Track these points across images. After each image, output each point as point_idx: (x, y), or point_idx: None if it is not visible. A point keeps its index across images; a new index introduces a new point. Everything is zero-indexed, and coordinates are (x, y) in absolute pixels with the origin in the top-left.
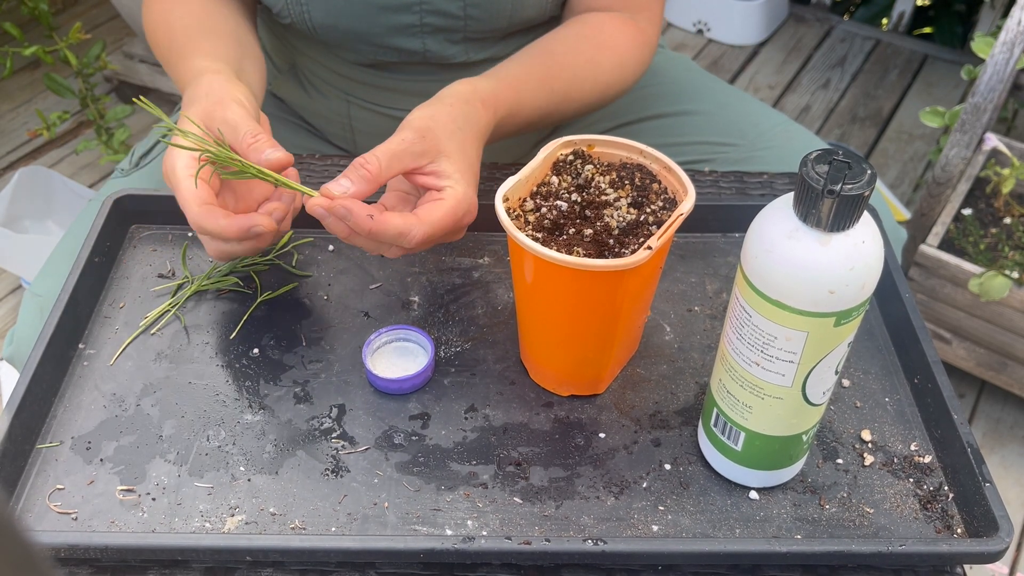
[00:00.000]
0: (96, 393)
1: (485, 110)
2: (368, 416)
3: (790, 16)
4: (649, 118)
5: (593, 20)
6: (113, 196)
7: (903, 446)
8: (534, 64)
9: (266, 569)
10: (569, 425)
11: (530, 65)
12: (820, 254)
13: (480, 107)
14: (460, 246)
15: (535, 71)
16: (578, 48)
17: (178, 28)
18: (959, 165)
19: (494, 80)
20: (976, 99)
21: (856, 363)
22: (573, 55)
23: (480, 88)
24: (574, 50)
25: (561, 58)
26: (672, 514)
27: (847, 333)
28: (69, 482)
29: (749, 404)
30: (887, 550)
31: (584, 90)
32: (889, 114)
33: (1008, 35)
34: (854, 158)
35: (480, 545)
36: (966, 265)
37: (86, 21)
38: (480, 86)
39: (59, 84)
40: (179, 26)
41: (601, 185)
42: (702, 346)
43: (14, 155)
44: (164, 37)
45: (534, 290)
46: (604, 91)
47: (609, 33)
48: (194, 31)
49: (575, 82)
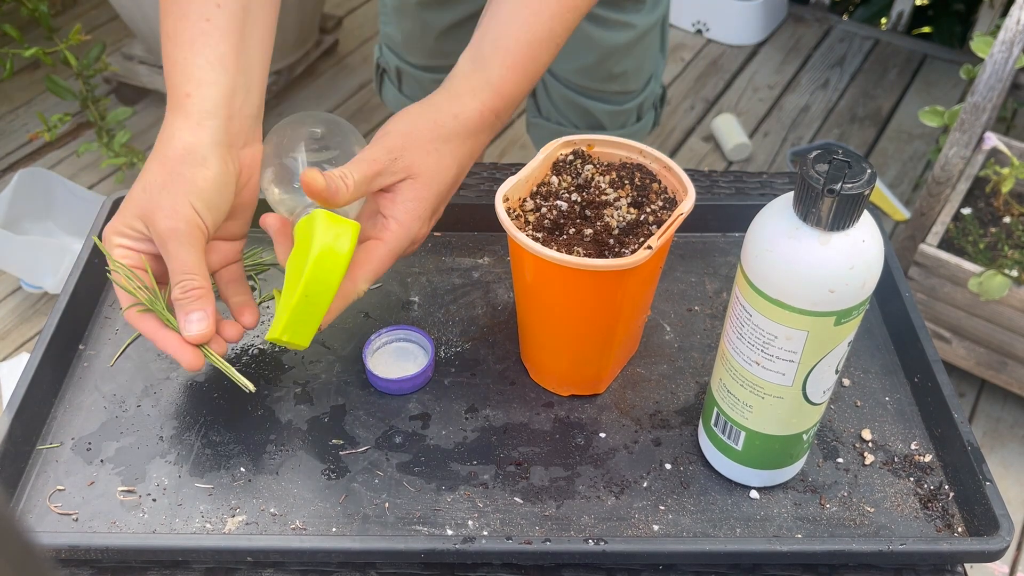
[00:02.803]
0: (96, 394)
1: (490, 114)
2: (368, 416)
3: (789, 16)
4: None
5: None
6: (113, 196)
7: (903, 445)
8: (524, 20)
9: (267, 570)
10: (569, 425)
11: (522, 24)
12: (820, 253)
13: (477, 116)
14: (460, 246)
15: (527, 29)
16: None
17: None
18: (958, 164)
19: (499, 64)
20: (975, 98)
21: (856, 362)
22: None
23: (480, 87)
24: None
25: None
26: (672, 514)
27: (847, 332)
28: (69, 483)
29: (749, 403)
30: (888, 549)
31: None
32: (888, 114)
33: (1007, 34)
34: (853, 157)
35: (480, 545)
36: (966, 264)
37: (85, 22)
38: (479, 84)
39: (60, 86)
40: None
41: (601, 185)
42: (702, 346)
43: (14, 156)
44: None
45: (534, 290)
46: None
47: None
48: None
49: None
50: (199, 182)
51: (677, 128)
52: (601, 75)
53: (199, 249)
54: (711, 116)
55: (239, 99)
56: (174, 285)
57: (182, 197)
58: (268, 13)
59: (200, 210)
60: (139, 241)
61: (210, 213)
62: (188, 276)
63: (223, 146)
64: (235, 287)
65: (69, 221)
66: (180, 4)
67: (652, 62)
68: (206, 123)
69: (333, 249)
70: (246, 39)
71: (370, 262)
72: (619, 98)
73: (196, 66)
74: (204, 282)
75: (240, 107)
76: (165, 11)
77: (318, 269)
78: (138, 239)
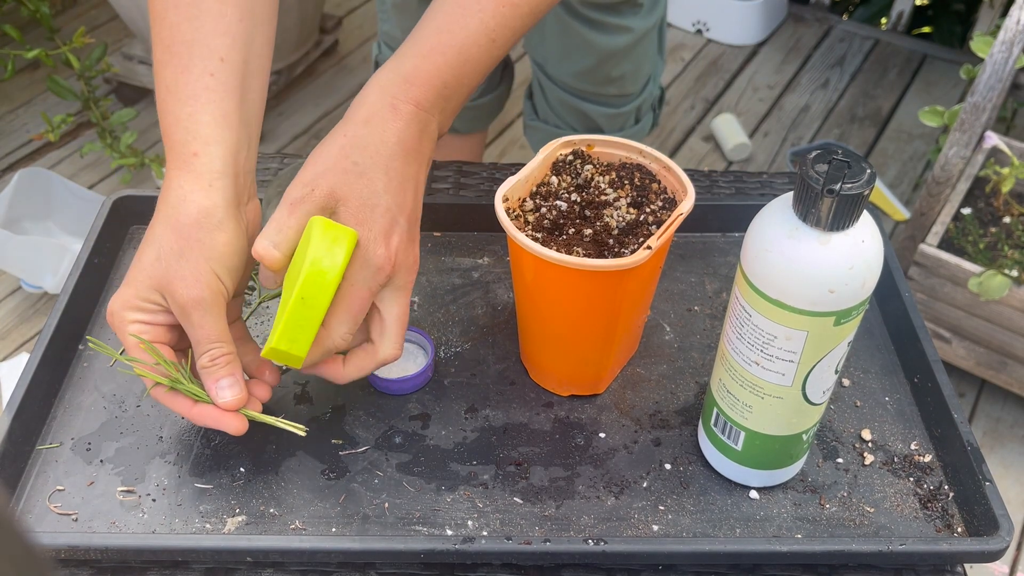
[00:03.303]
0: (96, 394)
1: (405, 105)
2: (368, 416)
3: (789, 16)
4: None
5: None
6: (113, 196)
7: (903, 445)
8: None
9: (266, 570)
10: (569, 425)
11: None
12: (820, 253)
13: (390, 112)
14: (460, 246)
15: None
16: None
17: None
18: (958, 164)
19: (413, 55)
20: (975, 98)
21: (856, 362)
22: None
23: (389, 81)
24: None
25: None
26: (672, 514)
27: (847, 332)
28: (69, 483)
29: (749, 404)
30: (887, 549)
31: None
32: (888, 114)
33: (1007, 34)
34: (853, 157)
35: (480, 545)
36: (966, 264)
37: (85, 22)
38: (388, 77)
39: (61, 87)
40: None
41: (601, 185)
42: (702, 346)
43: (14, 156)
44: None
45: (534, 290)
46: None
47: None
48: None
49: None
50: (219, 247)
51: (677, 128)
52: (599, 78)
53: (223, 316)
54: (711, 116)
55: (243, 156)
56: (200, 355)
57: (203, 264)
58: (265, 64)
59: (222, 276)
60: (156, 314)
61: (231, 277)
62: (215, 344)
63: (235, 206)
64: (244, 346)
65: (69, 221)
66: (180, 56)
67: (650, 64)
68: (217, 184)
69: (331, 251)
70: (246, 92)
71: (339, 304)
72: (617, 101)
73: (202, 123)
74: (231, 348)
75: (244, 163)
76: (162, 62)
77: (315, 270)
78: (155, 312)
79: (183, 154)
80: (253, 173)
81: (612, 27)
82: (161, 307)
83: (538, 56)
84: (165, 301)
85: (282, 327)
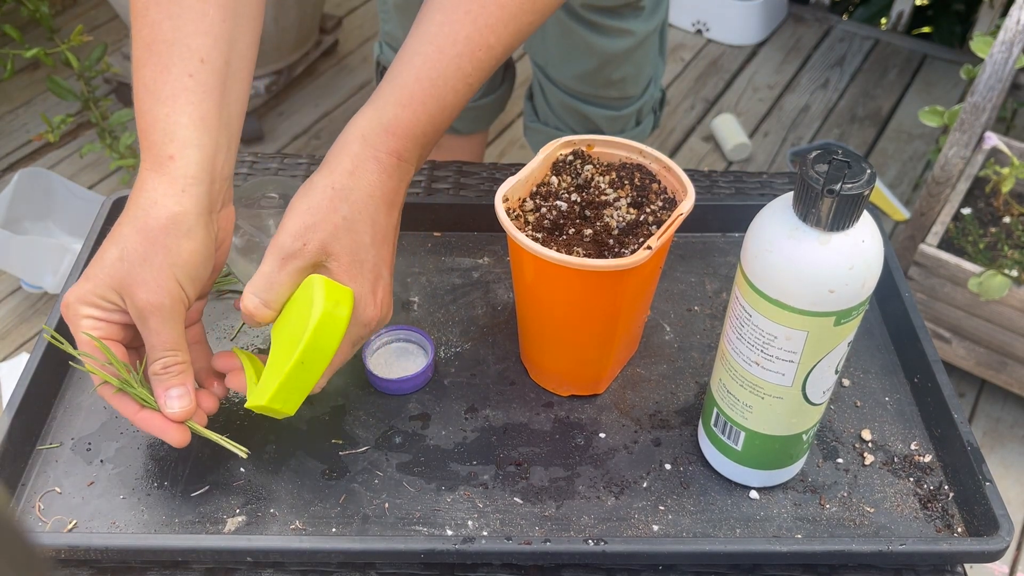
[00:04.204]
0: (96, 394)
1: (387, 157)
2: (368, 416)
3: (789, 16)
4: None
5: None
6: (113, 197)
7: (903, 445)
8: (430, 42)
9: (266, 570)
10: (569, 425)
11: (426, 47)
12: (820, 253)
13: (373, 164)
14: (460, 246)
15: (434, 49)
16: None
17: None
18: (958, 164)
19: (393, 103)
20: (975, 98)
21: (856, 362)
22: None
23: (371, 131)
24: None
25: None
26: (672, 514)
27: (847, 332)
28: (69, 483)
29: (749, 404)
30: (887, 549)
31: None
32: (888, 114)
33: (1007, 34)
34: (853, 157)
35: (480, 545)
36: (966, 264)
37: (85, 22)
38: (369, 127)
39: (61, 87)
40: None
41: (601, 185)
42: (702, 346)
43: (14, 156)
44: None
45: (534, 290)
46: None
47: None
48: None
49: (484, 23)
50: (184, 255)
51: (677, 128)
52: (600, 81)
53: (180, 323)
54: (711, 116)
55: (220, 160)
56: (153, 361)
57: (167, 271)
58: (248, 65)
59: (184, 284)
60: (111, 312)
61: (193, 286)
62: (170, 352)
63: (206, 213)
64: (198, 351)
65: (69, 221)
66: (160, 55)
67: (651, 67)
68: (191, 190)
69: (334, 315)
70: (226, 95)
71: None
72: (618, 103)
73: (180, 125)
74: (184, 357)
75: (221, 169)
76: (141, 61)
77: (318, 335)
78: (111, 310)
79: (159, 156)
80: (230, 179)
81: (613, 30)
82: (117, 307)
83: (539, 58)
84: (123, 302)
85: (276, 388)
